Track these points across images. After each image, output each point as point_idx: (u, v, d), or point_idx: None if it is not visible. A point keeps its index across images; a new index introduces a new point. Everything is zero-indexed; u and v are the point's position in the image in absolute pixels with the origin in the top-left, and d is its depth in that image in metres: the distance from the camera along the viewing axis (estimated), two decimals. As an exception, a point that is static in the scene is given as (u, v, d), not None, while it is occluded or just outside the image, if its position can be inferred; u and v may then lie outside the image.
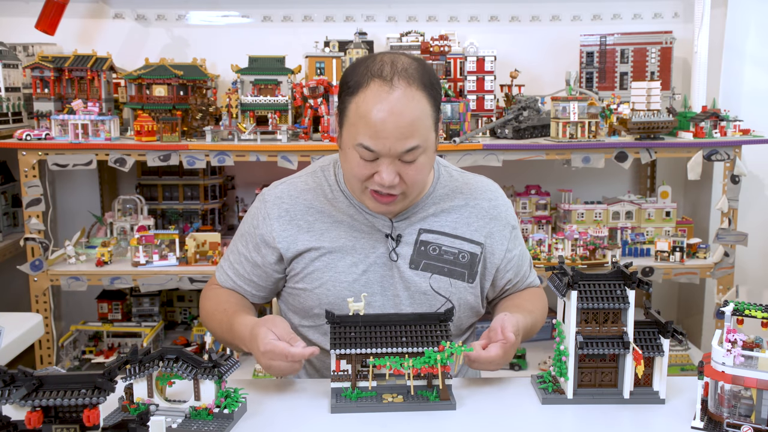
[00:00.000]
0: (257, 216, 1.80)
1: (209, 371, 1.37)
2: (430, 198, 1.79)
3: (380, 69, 1.58)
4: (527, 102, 2.97)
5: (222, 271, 1.87)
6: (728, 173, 2.94)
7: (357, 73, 1.62)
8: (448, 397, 1.46)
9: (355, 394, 1.47)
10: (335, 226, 1.75)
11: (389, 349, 1.45)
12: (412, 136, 1.57)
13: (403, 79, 1.57)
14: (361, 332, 1.48)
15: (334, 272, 1.73)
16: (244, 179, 3.53)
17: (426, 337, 1.47)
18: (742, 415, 1.32)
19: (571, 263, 2.87)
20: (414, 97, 1.57)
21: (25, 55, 3.26)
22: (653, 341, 1.46)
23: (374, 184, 1.62)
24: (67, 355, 2.94)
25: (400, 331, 1.48)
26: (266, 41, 3.32)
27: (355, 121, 1.59)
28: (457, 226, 1.78)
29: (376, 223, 1.74)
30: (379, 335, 1.47)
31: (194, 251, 2.93)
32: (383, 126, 1.55)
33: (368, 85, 1.57)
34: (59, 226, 3.40)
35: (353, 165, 1.62)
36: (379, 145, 1.56)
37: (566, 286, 1.45)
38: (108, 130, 2.87)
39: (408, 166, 1.61)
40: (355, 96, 1.59)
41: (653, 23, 3.44)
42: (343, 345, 1.46)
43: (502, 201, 1.86)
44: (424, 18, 3.43)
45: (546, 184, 3.29)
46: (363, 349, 1.45)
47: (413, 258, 1.74)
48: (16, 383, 1.14)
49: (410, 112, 1.56)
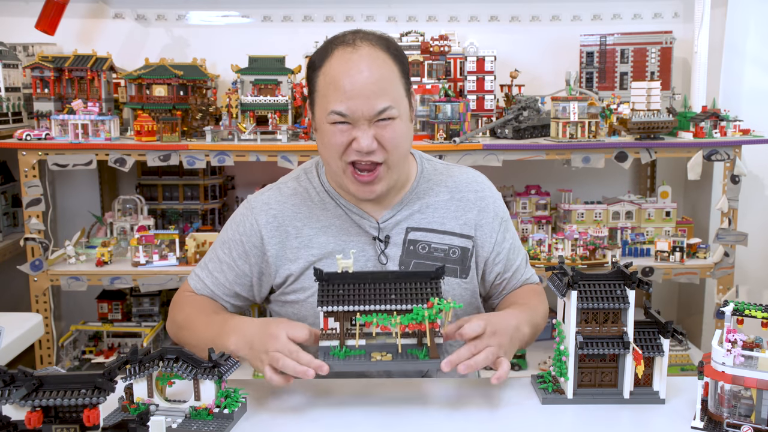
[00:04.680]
0: (243, 223, 1.75)
1: (209, 371, 1.37)
2: (414, 192, 1.75)
3: (342, 38, 1.61)
4: (527, 102, 2.97)
5: (198, 279, 1.79)
6: (728, 173, 2.94)
7: (320, 50, 1.64)
8: (438, 354, 1.40)
9: (342, 352, 1.43)
10: (323, 231, 1.72)
11: (377, 306, 1.41)
12: (383, 95, 1.56)
13: (365, 41, 1.59)
14: (350, 289, 1.43)
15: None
16: (244, 179, 3.53)
17: (416, 294, 1.43)
18: (742, 415, 1.32)
19: (571, 263, 2.87)
20: (379, 57, 1.58)
21: (25, 55, 3.27)
22: (653, 341, 1.46)
23: (353, 154, 1.59)
24: (67, 355, 2.94)
25: (390, 288, 1.43)
26: (266, 41, 3.32)
27: (325, 91, 1.58)
28: (445, 221, 1.74)
29: (363, 224, 1.71)
30: (368, 292, 1.43)
31: (194, 251, 2.93)
32: (352, 86, 1.54)
33: (332, 54, 1.58)
34: (59, 226, 3.40)
35: (330, 138, 1.59)
36: (352, 107, 1.55)
37: (566, 286, 1.45)
38: (108, 130, 2.87)
39: (384, 129, 1.58)
40: (321, 68, 1.60)
41: (653, 23, 3.44)
42: (331, 302, 1.42)
43: (489, 192, 1.81)
44: (424, 18, 3.43)
45: (546, 184, 3.29)
46: (350, 306, 1.41)
47: (402, 259, 1.71)
48: (16, 383, 1.14)
49: (377, 68, 1.57)
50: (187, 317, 1.73)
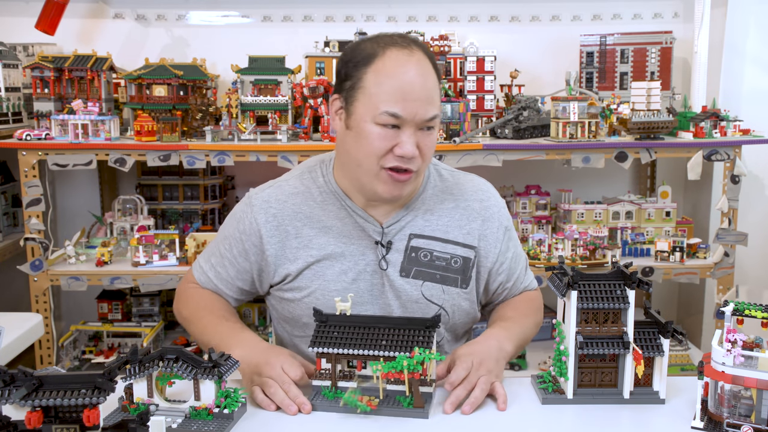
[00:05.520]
0: (243, 220, 1.74)
1: (209, 371, 1.37)
2: (419, 199, 1.73)
3: (392, 40, 1.58)
4: (527, 102, 2.97)
5: (201, 272, 1.82)
6: (728, 173, 2.94)
7: (362, 49, 1.59)
8: (422, 404, 1.42)
9: (332, 393, 1.46)
10: (324, 231, 1.70)
11: (366, 351, 1.43)
12: (433, 103, 1.57)
13: (418, 47, 1.58)
14: (344, 332, 1.46)
15: (323, 280, 1.69)
16: (244, 179, 3.53)
17: (407, 342, 1.44)
18: (742, 415, 1.32)
19: (571, 263, 2.87)
20: (428, 65, 1.58)
21: (25, 55, 3.26)
22: (653, 341, 1.46)
23: (392, 160, 1.57)
24: (67, 355, 2.94)
25: (382, 334, 1.45)
26: (266, 41, 3.32)
27: (376, 90, 1.54)
28: (449, 230, 1.72)
29: (366, 227, 1.69)
30: (361, 337, 1.45)
31: (194, 251, 2.92)
32: (411, 88, 1.52)
33: (384, 53, 1.55)
34: (59, 226, 3.40)
35: (372, 140, 1.56)
36: (407, 109, 1.53)
37: (566, 286, 1.45)
38: (108, 130, 2.87)
39: (425, 138, 1.57)
40: (371, 65, 1.55)
41: (653, 23, 3.44)
42: (323, 343, 1.45)
43: (494, 201, 1.79)
44: (424, 18, 3.43)
45: (546, 184, 3.29)
46: (340, 349, 1.44)
47: (403, 265, 1.69)
48: (16, 383, 1.14)
49: (431, 77, 1.57)
50: (194, 313, 1.76)
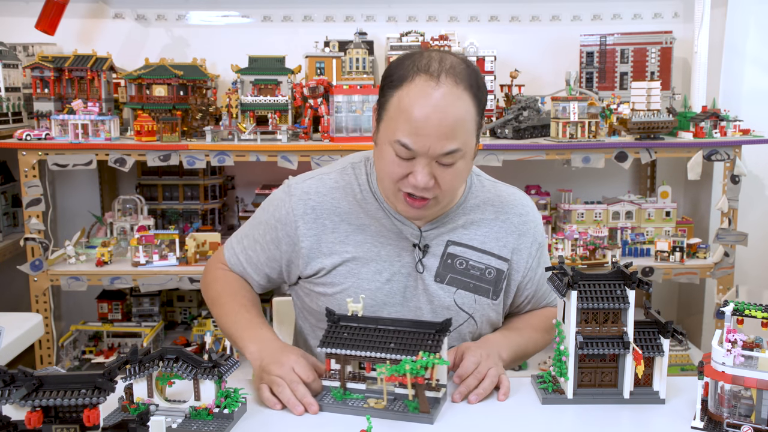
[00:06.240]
0: (280, 208, 1.72)
1: (209, 371, 1.37)
2: (460, 208, 1.72)
3: (427, 64, 1.52)
4: (527, 102, 2.97)
5: (233, 253, 1.81)
6: (728, 173, 2.94)
7: (403, 66, 1.56)
8: (427, 409, 1.39)
9: (341, 394, 1.45)
10: (361, 229, 1.68)
11: (374, 354, 1.41)
12: (453, 138, 1.50)
13: (451, 76, 1.50)
14: (355, 333, 1.45)
15: (357, 279, 1.67)
16: (244, 179, 3.53)
17: (415, 345, 1.40)
18: (742, 415, 1.32)
19: (571, 263, 2.87)
20: (460, 97, 1.50)
21: (25, 55, 3.26)
22: (653, 341, 1.46)
23: (407, 186, 1.55)
24: (67, 355, 2.94)
25: (391, 337, 1.43)
26: (266, 41, 3.32)
27: (395, 116, 1.53)
28: (486, 241, 1.71)
29: (404, 230, 1.68)
30: (370, 338, 1.43)
31: (194, 251, 2.93)
32: (425, 123, 1.48)
33: (413, 80, 1.51)
34: (59, 226, 3.40)
35: (387, 162, 1.55)
36: (418, 144, 1.50)
37: (566, 286, 1.45)
38: (108, 130, 2.87)
39: (445, 170, 1.54)
40: (398, 90, 1.53)
41: (653, 23, 3.44)
42: (332, 344, 1.44)
43: (532, 216, 1.79)
44: (424, 18, 3.43)
45: (546, 184, 3.29)
46: (349, 351, 1.43)
47: (439, 271, 1.68)
48: (16, 383, 1.14)
49: (454, 111, 1.50)
50: (219, 296, 1.77)
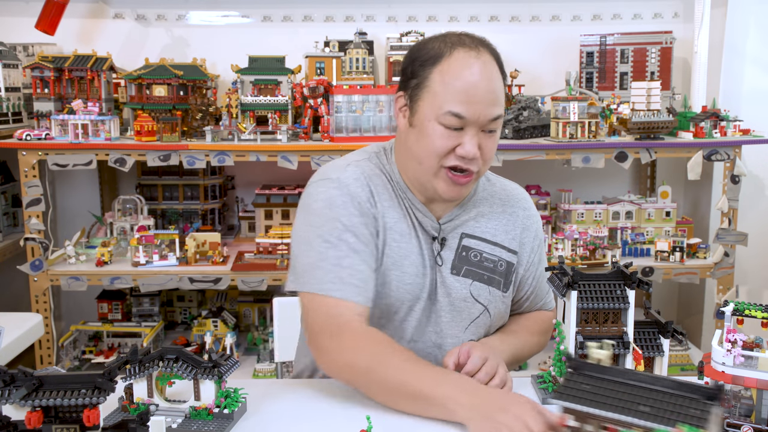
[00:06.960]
0: (346, 198, 1.61)
1: (209, 371, 1.37)
2: (471, 200, 1.74)
3: (460, 39, 1.59)
4: (527, 102, 2.97)
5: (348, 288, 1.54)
6: (728, 173, 2.94)
7: (431, 48, 1.60)
8: None
9: None
10: (400, 220, 1.67)
11: (618, 416, 1.12)
12: (498, 104, 1.58)
13: (485, 48, 1.60)
14: (598, 387, 1.17)
15: (400, 272, 1.64)
16: (244, 179, 3.53)
17: (677, 413, 1.10)
18: (742, 415, 1.32)
19: (571, 263, 2.87)
20: (494, 67, 1.60)
21: (25, 55, 3.27)
22: (653, 341, 1.46)
23: (453, 159, 1.57)
24: (67, 355, 2.94)
25: (645, 397, 1.14)
26: (266, 41, 3.32)
27: (441, 90, 1.55)
28: (497, 233, 1.74)
29: (425, 222, 1.68)
30: (618, 395, 1.15)
31: (194, 251, 2.93)
32: (475, 91, 1.54)
33: (452, 54, 1.57)
34: (59, 226, 3.40)
35: (435, 138, 1.56)
36: (471, 110, 1.54)
37: (566, 286, 1.45)
38: (108, 130, 2.87)
39: (488, 139, 1.58)
40: (437, 65, 1.57)
41: (653, 23, 3.44)
42: (572, 397, 1.16)
43: (534, 212, 1.83)
44: (424, 18, 3.43)
45: (546, 184, 3.29)
46: (588, 408, 1.14)
47: (455, 263, 1.69)
48: (16, 383, 1.14)
49: (497, 78, 1.59)
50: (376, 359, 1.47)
